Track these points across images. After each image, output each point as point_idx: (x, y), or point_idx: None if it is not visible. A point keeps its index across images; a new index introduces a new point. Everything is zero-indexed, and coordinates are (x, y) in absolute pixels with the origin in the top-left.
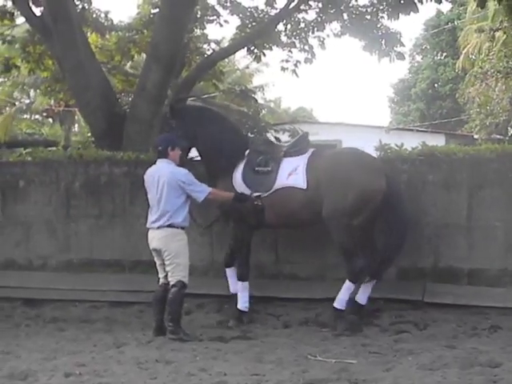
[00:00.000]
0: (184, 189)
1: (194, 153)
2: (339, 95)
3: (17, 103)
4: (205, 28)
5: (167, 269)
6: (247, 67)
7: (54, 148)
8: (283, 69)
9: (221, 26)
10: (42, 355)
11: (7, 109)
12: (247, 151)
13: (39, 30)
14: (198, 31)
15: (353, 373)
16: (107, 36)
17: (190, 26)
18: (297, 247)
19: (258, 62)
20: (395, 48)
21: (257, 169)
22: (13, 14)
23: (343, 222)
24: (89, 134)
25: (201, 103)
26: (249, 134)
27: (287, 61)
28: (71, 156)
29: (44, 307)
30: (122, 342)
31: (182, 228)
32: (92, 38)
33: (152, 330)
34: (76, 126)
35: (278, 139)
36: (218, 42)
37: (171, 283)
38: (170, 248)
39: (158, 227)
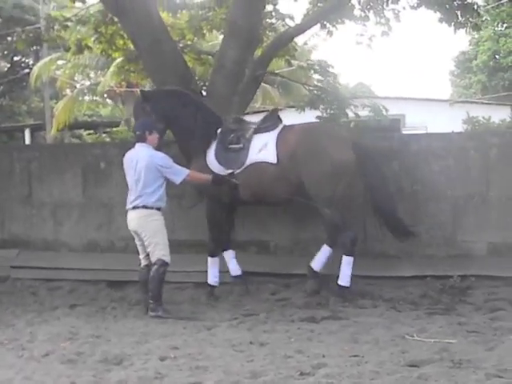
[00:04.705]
0: (162, 172)
1: None
2: (397, 70)
3: (77, 85)
4: (277, 3)
5: (148, 249)
6: (305, 43)
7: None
8: (358, 43)
9: (295, 0)
10: (134, 338)
11: (67, 91)
12: (219, 130)
13: (113, 9)
14: (270, 7)
15: (454, 352)
16: (178, 15)
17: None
18: None
19: (330, 37)
20: (471, 19)
21: (229, 146)
22: None
23: (327, 195)
24: None
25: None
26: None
27: (362, 35)
28: None
29: (128, 289)
30: (212, 323)
31: (158, 209)
32: (163, 16)
33: (144, 310)
34: None
35: (357, 115)
36: (292, 18)
37: (152, 262)
38: (147, 228)
39: (134, 207)
